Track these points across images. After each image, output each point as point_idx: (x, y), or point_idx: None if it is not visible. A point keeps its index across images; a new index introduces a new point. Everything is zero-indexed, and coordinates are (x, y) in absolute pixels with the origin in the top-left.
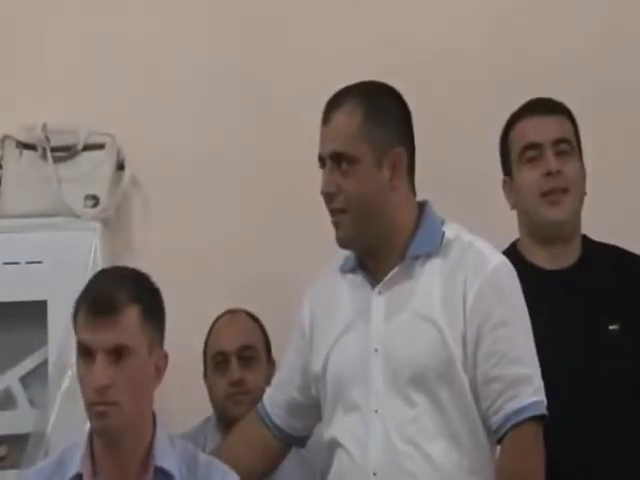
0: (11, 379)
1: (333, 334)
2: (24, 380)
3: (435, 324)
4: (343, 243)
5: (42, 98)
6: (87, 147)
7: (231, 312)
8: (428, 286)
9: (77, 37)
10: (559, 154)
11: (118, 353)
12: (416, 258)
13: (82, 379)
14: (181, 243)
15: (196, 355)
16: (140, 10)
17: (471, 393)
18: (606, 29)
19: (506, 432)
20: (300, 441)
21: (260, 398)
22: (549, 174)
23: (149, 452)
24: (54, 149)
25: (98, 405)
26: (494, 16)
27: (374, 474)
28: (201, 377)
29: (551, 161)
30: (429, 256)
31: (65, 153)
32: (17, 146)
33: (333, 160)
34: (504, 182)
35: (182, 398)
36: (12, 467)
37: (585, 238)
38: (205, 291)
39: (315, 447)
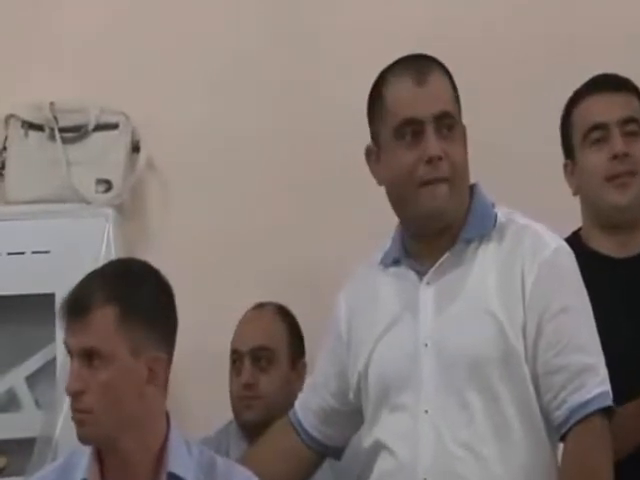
0: (16, 379)
1: (376, 331)
2: (30, 380)
3: (493, 315)
4: (439, 215)
5: (50, 74)
6: (99, 127)
7: (259, 306)
8: (483, 273)
9: (88, 10)
10: (627, 135)
11: (90, 357)
12: (468, 242)
13: None
14: (201, 230)
15: (217, 351)
16: None
17: (533, 389)
18: None
19: (570, 427)
20: (335, 452)
21: (274, 403)
22: (616, 157)
23: (161, 458)
24: (63, 129)
25: (74, 412)
26: None
27: (424, 479)
28: (223, 375)
29: (618, 143)
30: (481, 240)
31: (75, 134)
32: (22, 126)
33: (437, 123)
34: (565, 166)
35: (202, 398)
36: (17, 474)
37: None
38: (227, 281)
39: (350, 456)
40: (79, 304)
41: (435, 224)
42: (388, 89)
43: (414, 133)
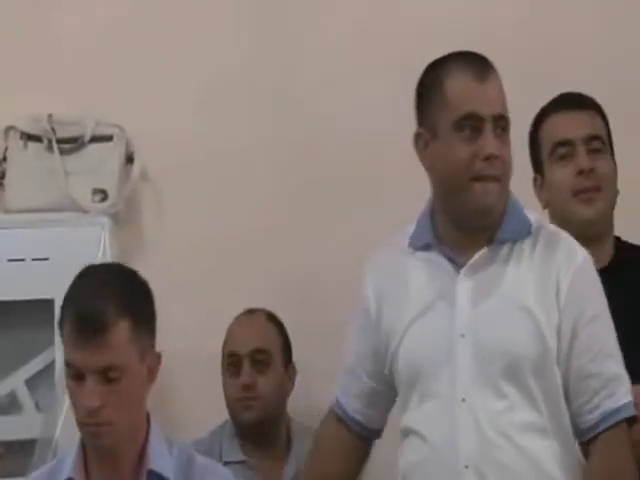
0: (16, 382)
1: (407, 316)
2: (30, 383)
3: (530, 314)
4: (490, 211)
5: (48, 87)
6: (95, 139)
7: (250, 312)
8: (520, 273)
9: (84, 25)
10: (591, 152)
11: (107, 372)
12: (504, 242)
13: (72, 398)
14: (194, 238)
15: (212, 355)
16: None
17: (562, 389)
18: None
19: (600, 432)
20: (376, 434)
21: (271, 403)
22: (582, 172)
23: (142, 455)
24: (60, 140)
25: (90, 426)
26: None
27: (465, 467)
28: (218, 378)
29: (583, 159)
30: (515, 242)
31: (72, 145)
32: (22, 137)
33: (495, 123)
34: (534, 180)
35: (198, 399)
36: (18, 474)
37: (618, 239)
38: (221, 288)
39: None
40: (95, 322)
41: (484, 220)
42: (450, 81)
43: (472, 128)
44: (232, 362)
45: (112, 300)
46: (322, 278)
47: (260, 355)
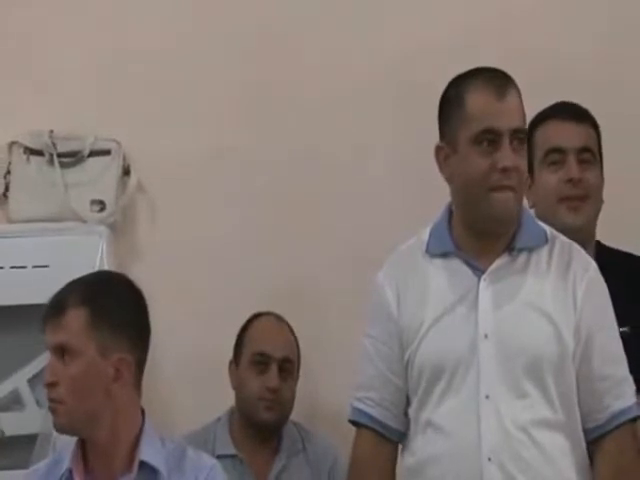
0: (19, 381)
1: (429, 317)
2: (32, 382)
3: (549, 317)
4: (509, 219)
5: (49, 104)
6: (93, 153)
7: (276, 317)
8: (538, 279)
9: (83, 44)
10: (581, 162)
11: (62, 353)
12: (521, 250)
13: None
14: (187, 247)
15: (205, 357)
16: (146, 17)
17: (575, 388)
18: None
19: (609, 430)
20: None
21: (288, 410)
22: (570, 181)
23: (136, 448)
24: (61, 155)
25: (50, 402)
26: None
27: (489, 459)
28: (211, 381)
29: (573, 168)
30: (532, 250)
31: (72, 159)
32: (25, 152)
33: (512, 137)
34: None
35: (187, 398)
36: (20, 467)
37: (599, 244)
38: (213, 294)
39: (320, 447)
40: (56, 305)
41: (502, 228)
42: (470, 97)
43: (490, 142)
44: (260, 361)
45: (76, 291)
46: (314, 282)
47: (287, 364)
